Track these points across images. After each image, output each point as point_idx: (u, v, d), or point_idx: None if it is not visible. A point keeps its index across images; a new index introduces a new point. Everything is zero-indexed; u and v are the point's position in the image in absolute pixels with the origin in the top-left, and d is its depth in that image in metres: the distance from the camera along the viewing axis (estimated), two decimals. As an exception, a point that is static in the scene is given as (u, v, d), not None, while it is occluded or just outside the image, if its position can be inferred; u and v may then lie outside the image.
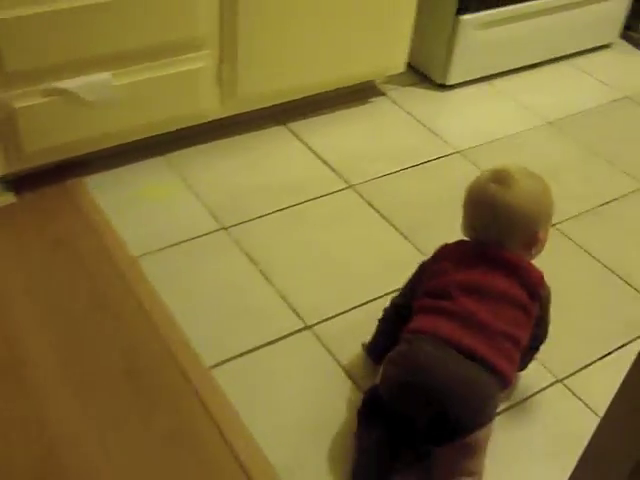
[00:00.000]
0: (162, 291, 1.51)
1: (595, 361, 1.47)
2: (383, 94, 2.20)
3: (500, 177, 1.25)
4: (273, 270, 1.59)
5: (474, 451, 1.18)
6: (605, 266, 1.70)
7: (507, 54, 2.29)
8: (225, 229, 1.68)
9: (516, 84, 2.33)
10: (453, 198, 1.88)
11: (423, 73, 2.28)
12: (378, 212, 1.78)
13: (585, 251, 1.73)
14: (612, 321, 1.57)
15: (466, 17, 2.10)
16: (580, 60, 2.49)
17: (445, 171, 1.94)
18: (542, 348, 1.37)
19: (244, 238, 1.66)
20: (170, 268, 1.58)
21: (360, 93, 2.15)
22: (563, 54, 2.45)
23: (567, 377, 1.43)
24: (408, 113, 2.14)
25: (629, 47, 2.61)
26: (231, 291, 1.54)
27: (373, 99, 2.18)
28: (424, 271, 1.33)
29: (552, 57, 2.43)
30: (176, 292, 1.52)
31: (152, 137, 1.82)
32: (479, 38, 2.16)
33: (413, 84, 2.26)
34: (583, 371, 1.45)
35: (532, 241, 1.27)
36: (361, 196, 1.82)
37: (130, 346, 1.42)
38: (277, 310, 1.51)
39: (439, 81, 2.24)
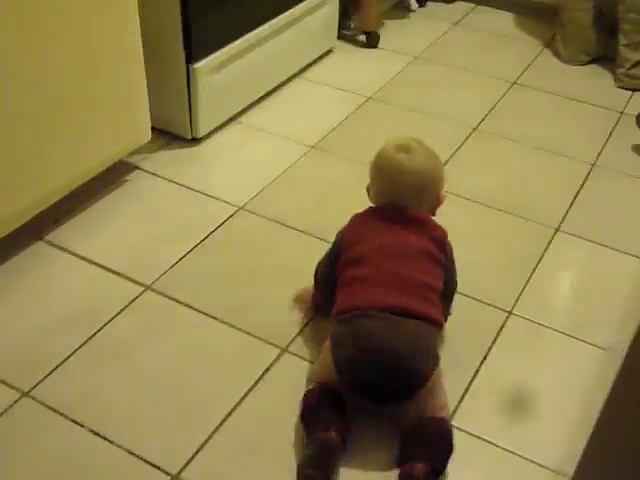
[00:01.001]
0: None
1: (466, 389, 1.44)
2: (136, 167, 1.98)
3: (404, 147, 1.39)
4: (106, 424, 1.33)
5: (436, 390, 1.30)
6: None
7: (246, 88, 2.17)
8: (26, 394, 1.38)
9: (264, 115, 2.23)
10: (260, 262, 1.75)
11: (170, 132, 2.09)
12: (189, 306, 1.58)
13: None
14: (467, 335, 1.54)
15: (197, 65, 1.94)
16: (311, 73, 2.45)
17: (237, 234, 1.79)
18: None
19: (54, 397, 1.38)
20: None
21: (111, 175, 1.90)
22: (294, 72, 2.40)
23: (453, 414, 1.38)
24: (171, 181, 1.94)
25: (348, 46, 2.63)
26: (68, 473, 1.26)
27: (127, 177, 1.95)
28: (342, 240, 1.42)
29: (286, 78, 2.36)
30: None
31: None
32: (216, 81, 2.02)
33: (163, 147, 2.06)
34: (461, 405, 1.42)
35: (437, 202, 1.43)
36: (163, 294, 1.61)
37: None
38: (132, 473, 1.27)
39: (189, 136, 2.06)
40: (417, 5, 2.87)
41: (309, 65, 2.47)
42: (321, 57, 2.52)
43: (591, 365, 1.51)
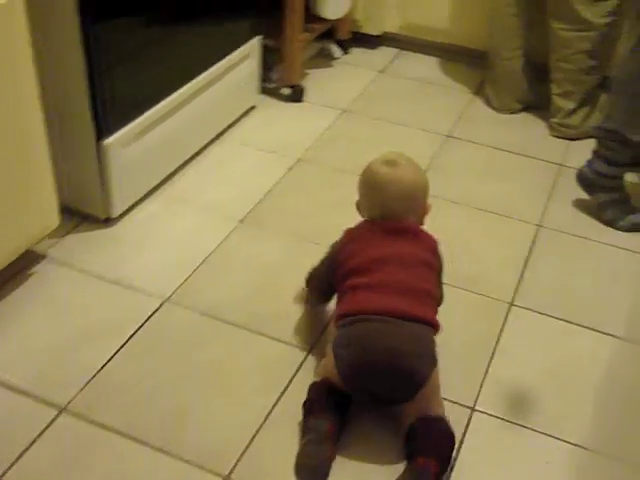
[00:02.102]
0: None
1: (439, 510, 1.28)
2: (43, 256, 1.75)
3: (390, 162, 1.48)
4: None
5: (435, 389, 1.38)
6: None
7: (165, 157, 1.97)
8: None
9: (187, 185, 2.03)
10: (192, 365, 1.53)
11: (81, 212, 1.86)
12: (114, 430, 1.36)
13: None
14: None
15: (109, 140, 1.73)
16: (235, 133, 2.26)
17: (165, 332, 1.58)
18: None
19: None
20: None
21: (15, 267, 1.66)
22: (217, 133, 2.21)
23: None
24: (83, 271, 1.71)
25: (272, 101, 2.46)
26: None
27: (34, 268, 1.71)
28: (338, 252, 1.47)
29: (208, 140, 2.17)
30: None
31: None
32: (130, 153, 1.81)
33: (74, 230, 1.83)
34: None
35: (425, 211, 1.50)
36: (82, 417, 1.39)
37: None
38: None
39: (102, 216, 1.85)
40: (340, 52, 2.74)
41: (232, 124, 2.29)
42: (245, 114, 2.35)
43: (570, 467, 1.38)
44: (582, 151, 2.13)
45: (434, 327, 1.39)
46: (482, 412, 1.46)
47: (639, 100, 1.88)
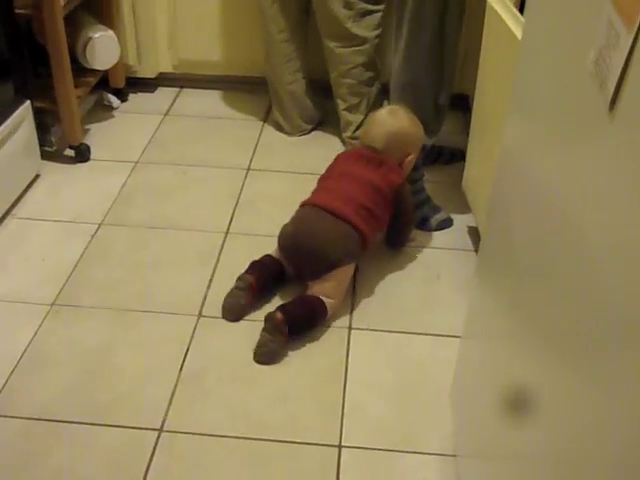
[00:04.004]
0: None
1: None
2: None
3: (393, 111, 1.89)
4: None
5: (337, 282, 1.72)
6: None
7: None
8: None
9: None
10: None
11: None
12: None
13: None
14: None
15: None
16: (23, 209, 2.07)
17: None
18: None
19: None
20: None
21: None
22: (3, 213, 2.01)
23: None
24: None
25: (56, 166, 2.27)
26: None
27: None
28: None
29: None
30: None
31: None
32: None
33: None
34: None
35: (404, 159, 1.86)
36: None
37: None
38: None
39: None
40: (119, 101, 2.61)
41: (18, 200, 2.09)
42: (29, 186, 2.16)
43: (444, 477, 1.39)
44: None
45: (360, 233, 1.73)
46: (349, 447, 1.44)
47: (422, 106, 1.96)
